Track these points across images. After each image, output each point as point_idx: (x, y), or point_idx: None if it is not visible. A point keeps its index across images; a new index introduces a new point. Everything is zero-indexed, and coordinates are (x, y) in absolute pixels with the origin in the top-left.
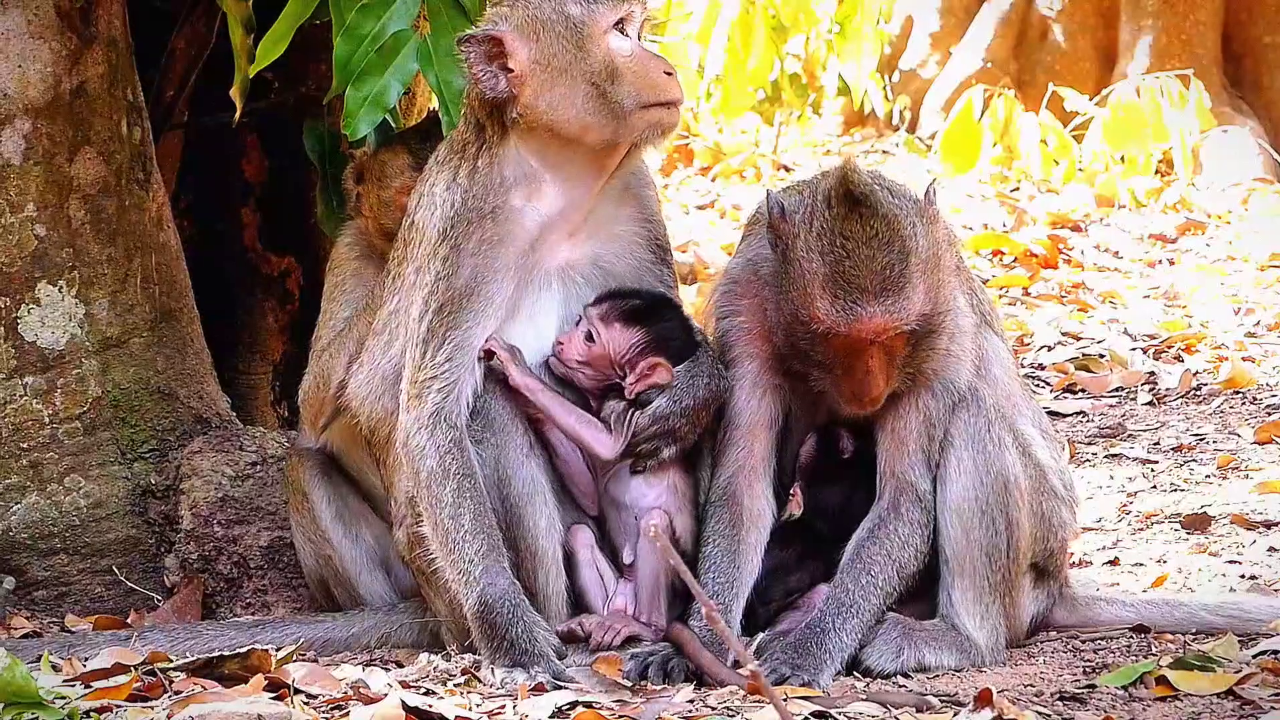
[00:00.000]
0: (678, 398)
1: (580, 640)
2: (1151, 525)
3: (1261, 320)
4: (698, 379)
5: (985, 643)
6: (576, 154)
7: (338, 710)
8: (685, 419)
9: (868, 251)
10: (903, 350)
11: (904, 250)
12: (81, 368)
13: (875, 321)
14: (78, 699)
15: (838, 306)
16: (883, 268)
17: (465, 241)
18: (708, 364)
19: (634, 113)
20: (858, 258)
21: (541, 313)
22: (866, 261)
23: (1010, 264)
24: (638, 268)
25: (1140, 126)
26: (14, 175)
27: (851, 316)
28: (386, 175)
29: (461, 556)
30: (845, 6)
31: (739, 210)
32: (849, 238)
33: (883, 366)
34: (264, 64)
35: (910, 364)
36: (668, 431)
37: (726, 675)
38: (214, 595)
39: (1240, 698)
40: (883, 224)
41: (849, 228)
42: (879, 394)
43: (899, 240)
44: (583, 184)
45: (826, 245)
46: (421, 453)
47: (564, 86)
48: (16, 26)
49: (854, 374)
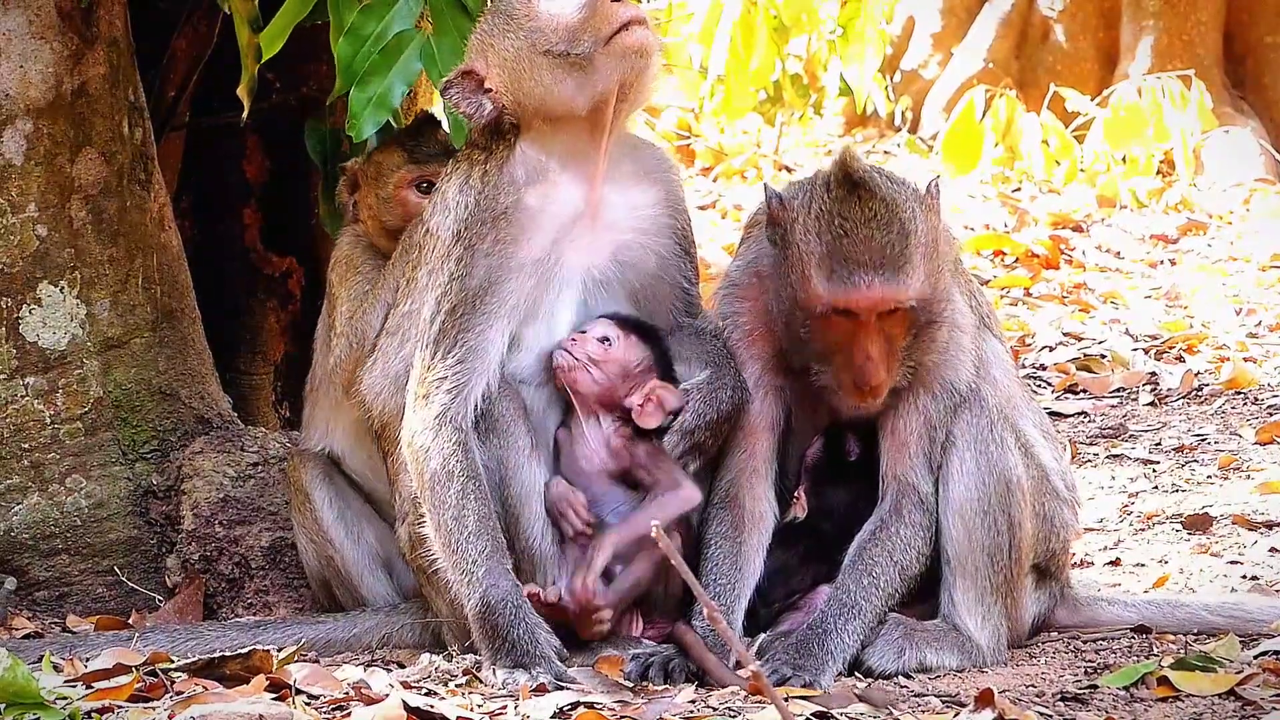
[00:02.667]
0: (703, 412)
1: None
2: (1153, 526)
3: (1263, 321)
4: (720, 391)
5: (987, 643)
6: (577, 129)
7: (339, 711)
8: (710, 432)
9: (866, 231)
10: (903, 338)
11: (903, 231)
12: (83, 368)
13: (874, 292)
14: (79, 699)
15: (835, 280)
16: (882, 245)
17: (480, 242)
18: (731, 376)
19: (599, 53)
20: (856, 236)
21: (561, 312)
22: (865, 240)
23: (1012, 264)
24: (660, 263)
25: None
26: (15, 175)
27: (849, 288)
28: (383, 173)
29: (464, 557)
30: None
31: (740, 211)
32: (847, 218)
33: (882, 354)
34: (263, 60)
35: (911, 356)
36: (694, 446)
37: (729, 677)
38: (215, 596)
39: (1242, 698)
40: (881, 205)
41: (847, 209)
42: (879, 383)
43: (898, 222)
44: (589, 159)
45: (825, 225)
46: (426, 454)
47: (530, 71)
48: (18, 27)
49: (854, 361)
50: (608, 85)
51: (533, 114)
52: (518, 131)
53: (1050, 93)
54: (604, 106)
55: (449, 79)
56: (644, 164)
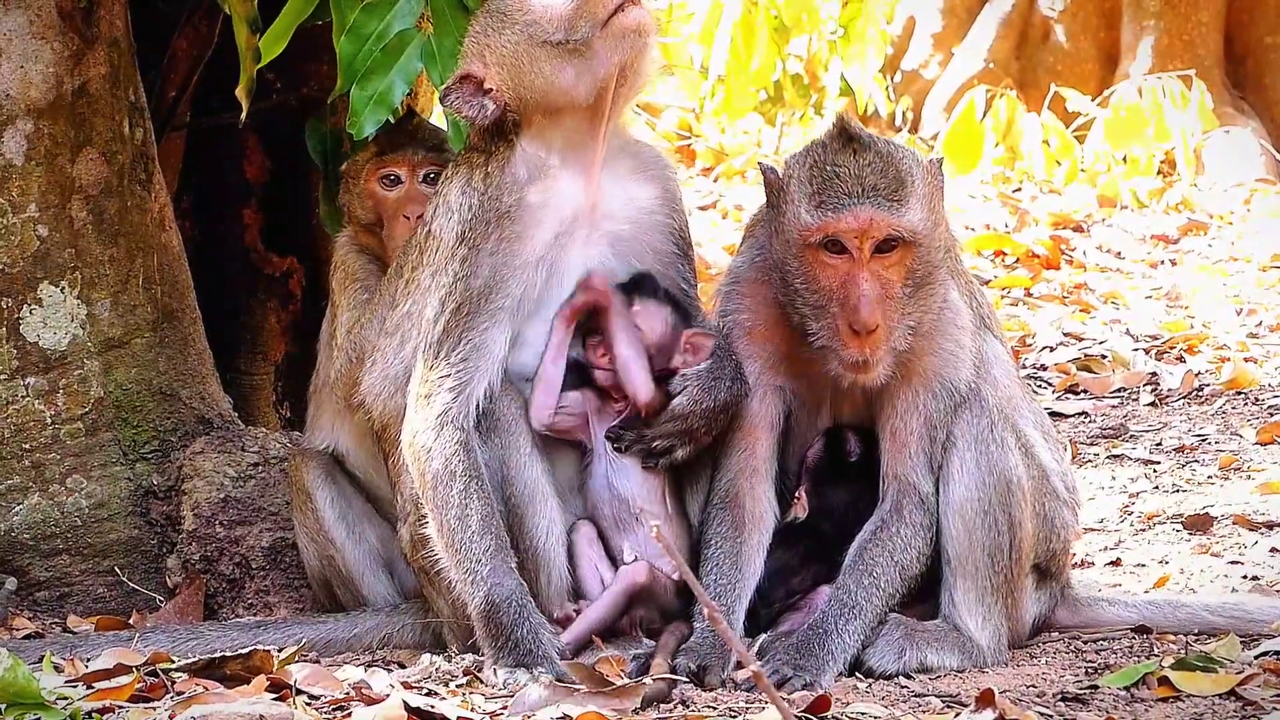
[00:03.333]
0: (699, 399)
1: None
2: (1153, 526)
3: (1264, 321)
4: (720, 382)
5: (987, 643)
6: (577, 120)
7: (340, 711)
8: (704, 420)
9: (859, 170)
10: (899, 283)
11: (898, 173)
12: (83, 368)
13: (863, 214)
14: (80, 700)
15: (825, 208)
16: (875, 179)
17: (484, 242)
18: (730, 368)
19: (597, 38)
20: (848, 172)
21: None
22: (857, 175)
23: (1012, 265)
24: (657, 260)
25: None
26: (16, 176)
27: (839, 213)
28: (356, 167)
29: (468, 556)
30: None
31: (741, 211)
32: (841, 165)
33: (878, 296)
34: (264, 62)
35: (909, 311)
36: (685, 431)
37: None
38: (216, 596)
39: (1242, 698)
40: (877, 157)
41: (842, 159)
42: (875, 325)
43: (893, 167)
44: (589, 149)
45: (817, 173)
46: (428, 454)
47: (530, 64)
48: (19, 27)
49: (849, 301)
50: (608, 69)
51: (534, 108)
52: (519, 130)
53: (1051, 93)
54: (604, 93)
55: (447, 85)
56: (642, 162)
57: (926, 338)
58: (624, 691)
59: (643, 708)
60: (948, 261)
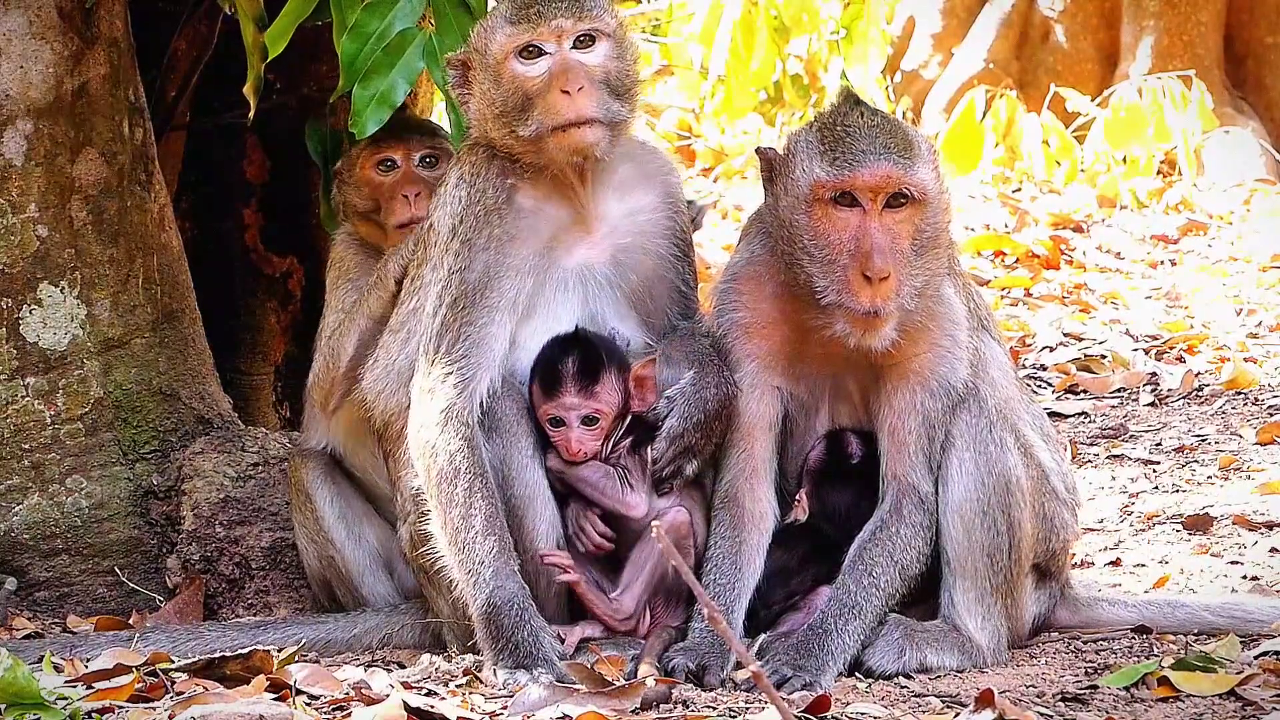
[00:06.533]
0: (688, 414)
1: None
2: (1153, 526)
3: (1263, 321)
4: (704, 390)
5: (987, 643)
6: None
7: (339, 711)
8: (700, 432)
9: (871, 131)
10: (907, 239)
11: (907, 136)
12: (83, 368)
13: (879, 168)
14: (79, 700)
15: (839, 164)
16: (885, 138)
17: (476, 237)
18: (714, 372)
19: (547, 138)
20: (860, 133)
21: (560, 313)
22: (868, 134)
23: (1012, 265)
24: (657, 264)
25: (1142, 127)
26: (16, 176)
27: (854, 166)
28: (350, 160)
29: (471, 557)
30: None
31: (740, 211)
32: (853, 124)
33: (889, 246)
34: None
35: (915, 272)
36: (685, 449)
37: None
38: (216, 596)
39: (1242, 698)
40: (883, 119)
41: (852, 119)
42: (888, 270)
43: (901, 130)
44: (572, 187)
45: (828, 134)
46: (433, 450)
47: (490, 118)
48: (18, 27)
49: (861, 249)
50: (560, 163)
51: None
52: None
53: (1050, 93)
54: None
55: (449, 57)
56: (644, 168)
57: (923, 331)
58: (624, 692)
59: (642, 709)
60: (946, 257)
